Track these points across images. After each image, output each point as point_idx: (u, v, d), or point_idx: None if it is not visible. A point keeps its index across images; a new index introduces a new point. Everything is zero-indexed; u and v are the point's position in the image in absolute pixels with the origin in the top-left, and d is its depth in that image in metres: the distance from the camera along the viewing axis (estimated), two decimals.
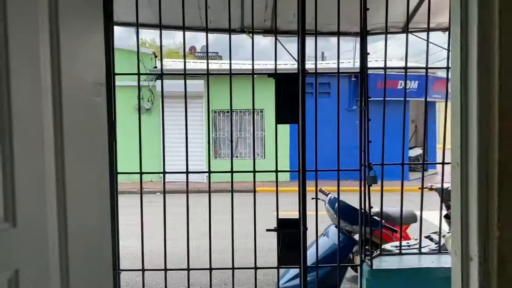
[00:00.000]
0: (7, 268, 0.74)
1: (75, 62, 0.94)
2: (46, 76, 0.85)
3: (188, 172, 2.86)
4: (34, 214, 0.82)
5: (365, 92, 2.86)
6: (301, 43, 2.86)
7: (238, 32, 3.97)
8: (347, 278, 5.07)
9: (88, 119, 0.99)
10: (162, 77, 3.00)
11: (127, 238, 6.59)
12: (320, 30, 3.90)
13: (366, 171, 2.83)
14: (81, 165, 0.96)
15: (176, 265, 5.66)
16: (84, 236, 0.98)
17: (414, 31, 3.89)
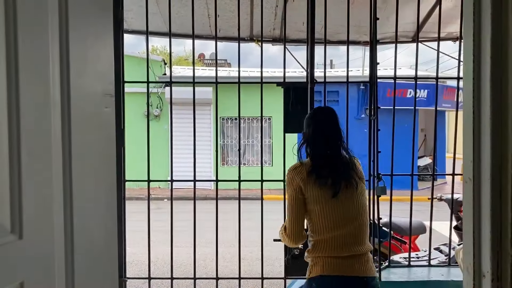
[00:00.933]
0: (12, 280, 0.74)
1: (84, 74, 0.94)
2: (55, 88, 0.85)
3: (195, 180, 2.85)
4: (41, 226, 0.82)
5: (375, 101, 2.84)
6: (310, 51, 2.85)
7: (247, 40, 3.98)
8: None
9: (96, 130, 0.98)
10: (171, 84, 3.00)
11: (134, 245, 6.61)
12: (329, 39, 3.90)
13: (375, 182, 2.80)
14: (88, 176, 0.95)
15: (183, 272, 5.65)
16: (90, 247, 0.97)
17: (424, 40, 3.87)
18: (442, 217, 5.72)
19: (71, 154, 0.86)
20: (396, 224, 4.61)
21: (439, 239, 5.89)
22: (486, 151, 1.11)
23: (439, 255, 3.79)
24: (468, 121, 1.16)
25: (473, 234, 1.14)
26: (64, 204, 0.87)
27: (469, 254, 1.16)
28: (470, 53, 1.15)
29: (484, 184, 1.11)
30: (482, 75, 1.12)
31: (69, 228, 0.88)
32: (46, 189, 0.82)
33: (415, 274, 2.89)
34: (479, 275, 1.13)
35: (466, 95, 1.16)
